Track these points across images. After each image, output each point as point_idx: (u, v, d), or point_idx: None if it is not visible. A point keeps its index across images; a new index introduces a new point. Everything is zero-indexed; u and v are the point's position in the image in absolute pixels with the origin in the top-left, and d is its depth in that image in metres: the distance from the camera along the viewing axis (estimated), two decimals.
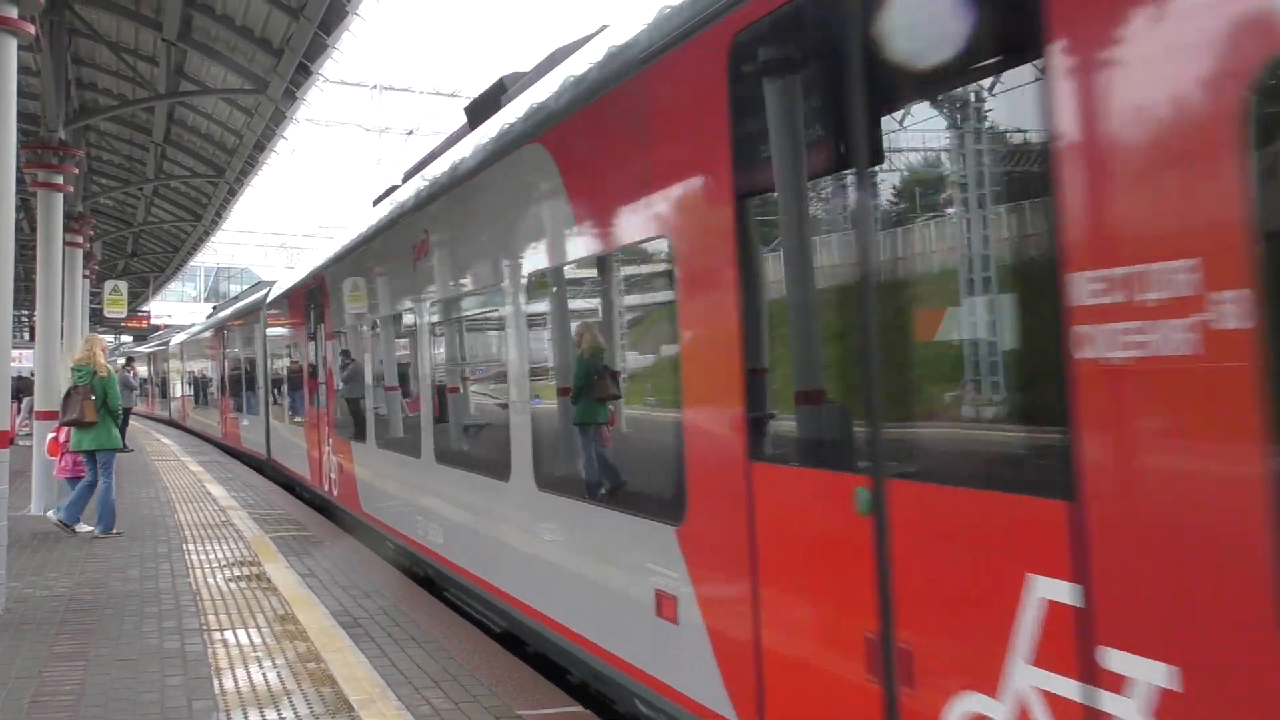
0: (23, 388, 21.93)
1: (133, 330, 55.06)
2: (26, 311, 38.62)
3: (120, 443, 12.18)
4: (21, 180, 15.27)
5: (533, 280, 6.75)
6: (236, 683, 6.26)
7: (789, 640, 4.11)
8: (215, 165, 23.68)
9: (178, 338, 40.02)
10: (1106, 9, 2.75)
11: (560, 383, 6.60)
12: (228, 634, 7.41)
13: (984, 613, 3.14)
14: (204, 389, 31.84)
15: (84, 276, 23.46)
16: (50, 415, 14.40)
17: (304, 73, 15.53)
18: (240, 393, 23.67)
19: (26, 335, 37.24)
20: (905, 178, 4.00)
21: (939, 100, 3.74)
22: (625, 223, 5.44)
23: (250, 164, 22.60)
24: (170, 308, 63.88)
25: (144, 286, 47.57)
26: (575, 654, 6.07)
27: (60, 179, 15.54)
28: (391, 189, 11.83)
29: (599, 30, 6.57)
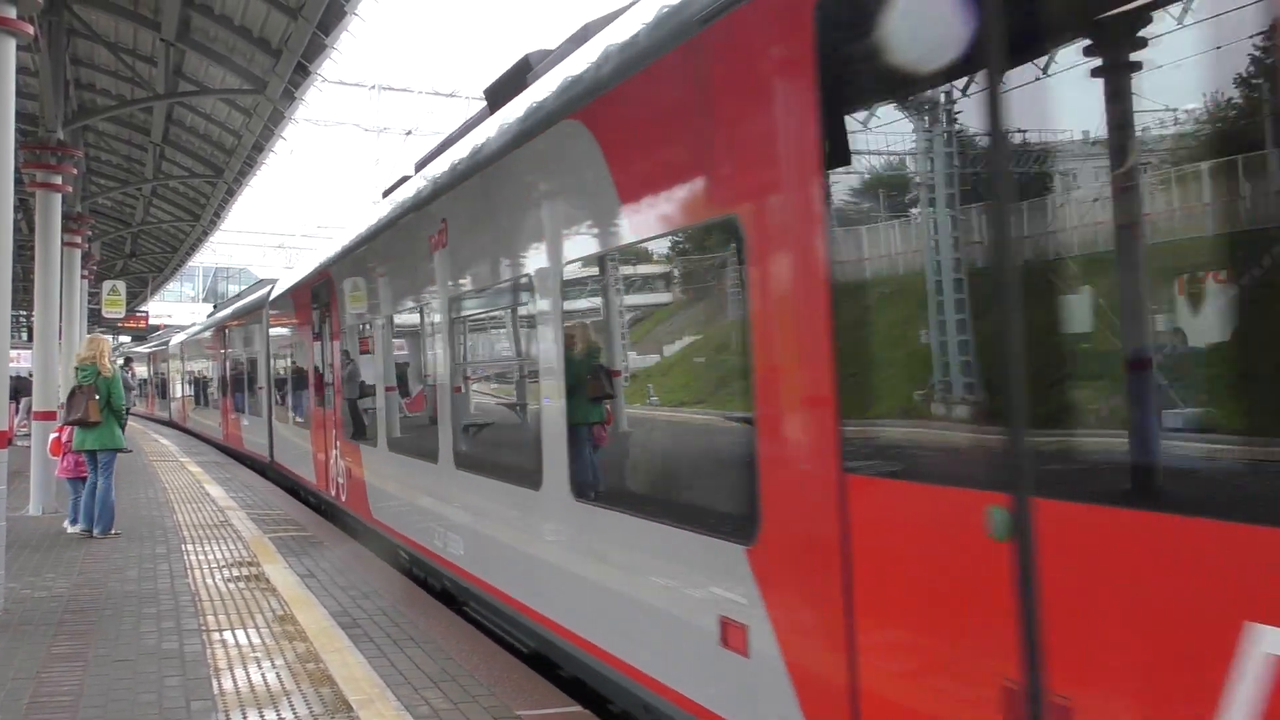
0: (21, 388, 21.88)
1: (131, 330, 55.02)
2: (25, 312, 38.63)
3: (123, 443, 12.19)
4: (20, 180, 15.28)
5: (567, 269, 6.13)
6: (235, 683, 6.26)
7: (897, 684, 3.54)
8: (214, 165, 23.69)
9: (177, 338, 39.73)
10: None
11: (593, 383, 6.14)
12: (226, 635, 7.40)
13: (1179, 669, 2.61)
14: (204, 390, 31.30)
15: (82, 277, 23.50)
16: (49, 416, 14.41)
17: (302, 73, 15.55)
18: (242, 394, 23.13)
19: (25, 335, 37.17)
20: (1060, 142, 3.22)
21: (1105, 40, 2.99)
22: (680, 201, 4.86)
23: (249, 164, 22.62)
24: (169, 308, 64.03)
25: (142, 287, 47.62)
26: (620, 683, 5.50)
27: (59, 179, 15.56)
28: (403, 179, 11.36)
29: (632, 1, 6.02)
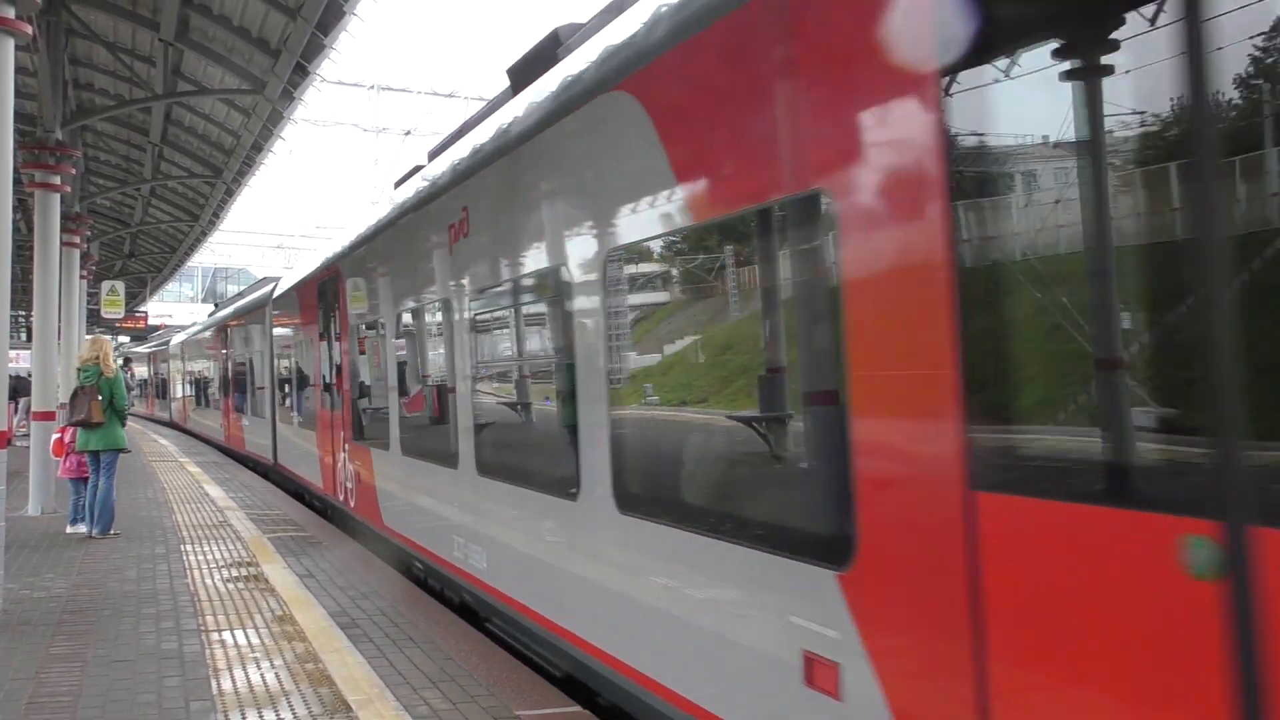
0: (20, 388, 21.90)
1: (129, 331, 55.01)
2: (24, 312, 38.64)
3: (125, 443, 12.21)
4: (19, 181, 15.31)
5: (611, 257, 5.55)
6: (234, 683, 6.25)
7: None
8: (212, 165, 23.70)
9: (178, 337, 39.55)
10: None
11: (641, 381, 5.69)
12: (225, 635, 7.39)
13: None
14: (205, 390, 30.81)
15: (81, 277, 23.54)
16: (48, 416, 14.42)
17: (301, 73, 15.56)
18: (245, 394, 22.64)
19: (24, 336, 37.16)
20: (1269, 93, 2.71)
21: None
22: (751, 176, 4.34)
23: (247, 164, 22.63)
24: (168, 308, 64.13)
25: (141, 287, 47.66)
26: (673, 717, 4.97)
27: (57, 179, 15.58)
28: (415, 169, 10.89)
29: None
